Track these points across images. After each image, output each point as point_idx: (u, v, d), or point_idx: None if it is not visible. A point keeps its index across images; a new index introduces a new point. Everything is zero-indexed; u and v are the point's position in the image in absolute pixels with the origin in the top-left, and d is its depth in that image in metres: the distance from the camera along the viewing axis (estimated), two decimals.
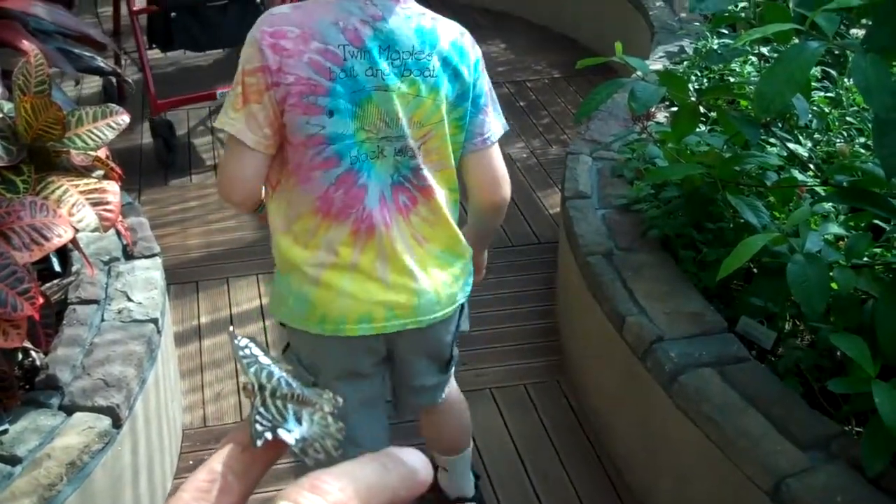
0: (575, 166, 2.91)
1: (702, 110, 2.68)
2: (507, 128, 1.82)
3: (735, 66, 3.19)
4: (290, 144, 1.62)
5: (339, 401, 0.48)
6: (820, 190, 2.34)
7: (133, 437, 2.06)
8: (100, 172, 2.02)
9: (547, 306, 3.08)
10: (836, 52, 3.04)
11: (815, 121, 2.75)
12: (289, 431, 0.44)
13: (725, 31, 3.60)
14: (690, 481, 2.14)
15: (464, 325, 1.90)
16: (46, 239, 1.76)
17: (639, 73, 2.48)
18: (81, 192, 1.90)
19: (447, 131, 1.69)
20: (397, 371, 1.89)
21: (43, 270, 2.33)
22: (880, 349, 1.84)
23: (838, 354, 2.05)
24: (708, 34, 3.64)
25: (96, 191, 1.91)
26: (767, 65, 2.89)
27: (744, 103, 2.82)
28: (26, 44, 2.49)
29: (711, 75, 3.27)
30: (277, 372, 0.49)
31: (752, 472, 1.88)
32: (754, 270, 2.34)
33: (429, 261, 1.74)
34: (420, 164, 1.68)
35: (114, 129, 2.03)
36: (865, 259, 2.14)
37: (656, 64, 3.51)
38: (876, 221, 2.26)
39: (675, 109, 2.84)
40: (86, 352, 2.11)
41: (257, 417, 0.44)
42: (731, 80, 3.10)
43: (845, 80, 2.97)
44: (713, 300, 2.33)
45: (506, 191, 1.81)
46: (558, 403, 2.68)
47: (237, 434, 0.44)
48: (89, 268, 2.18)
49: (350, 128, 1.61)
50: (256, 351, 0.50)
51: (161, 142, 3.87)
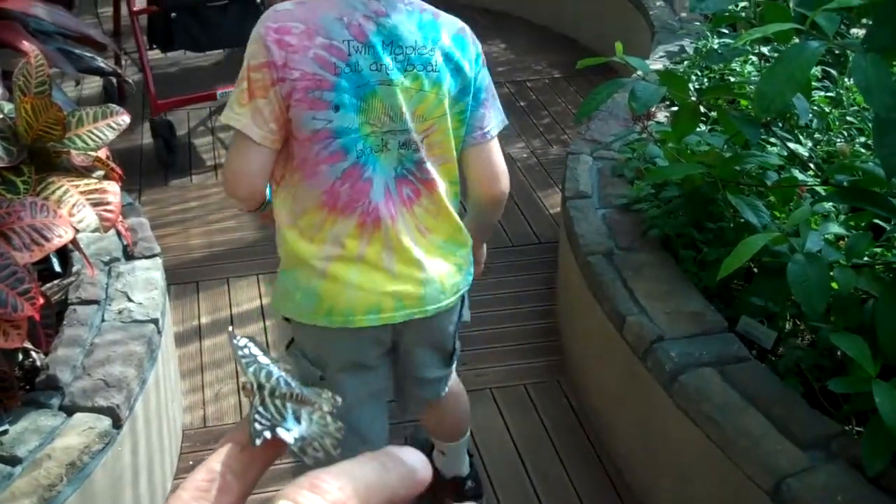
0: (575, 166, 2.91)
1: (702, 110, 2.67)
2: (507, 122, 1.84)
3: (735, 65, 3.19)
4: (295, 140, 1.63)
5: (339, 400, 0.49)
6: (820, 190, 2.34)
7: (133, 437, 2.06)
8: (100, 173, 2.02)
9: (547, 306, 3.07)
10: (837, 52, 3.04)
11: (815, 120, 2.75)
12: (288, 430, 0.44)
13: (726, 31, 3.60)
14: (691, 481, 2.14)
15: (465, 315, 1.92)
16: (47, 239, 1.76)
17: (639, 72, 2.48)
18: (82, 193, 1.90)
19: (450, 125, 1.70)
20: (402, 362, 1.90)
21: (43, 271, 2.33)
22: (880, 349, 1.84)
23: (839, 354, 2.05)
24: (708, 34, 3.64)
25: (97, 191, 1.91)
26: (768, 64, 2.89)
27: (744, 103, 2.82)
28: (26, 44, 2.49)
29: (712, 75, 3.26)
30: (276, 371, 0.49)
31: (752, 471, 1.88)
32: (755, 270, 2.34)
33: (433, 251, 1.76)
34: (423, 157, 1.69)
35: (114, 129, 2.03)
36: (866, 259, 2.14)
37: (656, 64, 3.51)
38: (876, 221, 2.26)
39: (675, 109, 2.84)
40: (86, 352, 2.11)
41: (256, 417, 0.44)
42: (732, 79, 3.09)
43: (845, 79, 2.97)
44: (713, 300, 2.32)
45: (505, 184, 1.83)
46: (558, 403, 2.68)
47: (236, 433, 0.44)
48: (90, 268, 2.18)
49: (355, 122, 1.62)
50: (255, 350, 0.50)
51: (161, 142, 3.87)
